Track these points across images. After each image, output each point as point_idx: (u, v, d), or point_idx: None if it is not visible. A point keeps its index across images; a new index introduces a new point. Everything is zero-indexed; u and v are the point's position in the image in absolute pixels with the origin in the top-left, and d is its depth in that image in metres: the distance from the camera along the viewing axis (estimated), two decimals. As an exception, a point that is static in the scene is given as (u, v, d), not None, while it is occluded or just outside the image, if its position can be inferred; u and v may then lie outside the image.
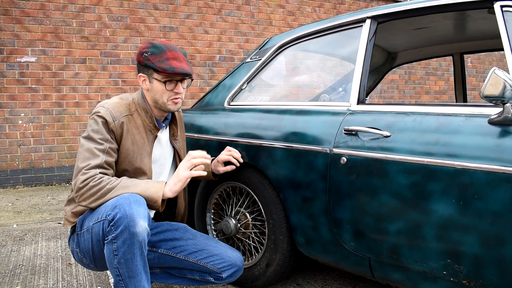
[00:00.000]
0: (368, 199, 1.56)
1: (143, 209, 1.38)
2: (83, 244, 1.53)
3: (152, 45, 1.58)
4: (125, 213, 1.33)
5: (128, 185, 1.45)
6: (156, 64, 1.54)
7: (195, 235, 1.73)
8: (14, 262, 2.46)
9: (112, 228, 1.35)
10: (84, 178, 1.44)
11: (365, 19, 1.83)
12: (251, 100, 2.28)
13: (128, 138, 1.57)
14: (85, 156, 1.48)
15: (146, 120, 1.63)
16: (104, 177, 1.46)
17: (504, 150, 1.26)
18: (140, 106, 1.63)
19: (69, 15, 5.00)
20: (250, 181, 1.99)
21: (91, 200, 1.44)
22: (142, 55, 1.57)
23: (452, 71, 7.62)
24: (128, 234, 1.33)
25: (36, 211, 3.75)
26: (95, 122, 1.53)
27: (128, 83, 5.35)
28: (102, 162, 1.48)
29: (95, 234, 1.45)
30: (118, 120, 1.54)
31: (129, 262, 1.37)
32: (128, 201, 1.36)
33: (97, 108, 1.55)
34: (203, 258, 1.65)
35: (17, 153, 4.85)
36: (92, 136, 1.51)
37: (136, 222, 1.33)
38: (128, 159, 1.58)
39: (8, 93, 4.77)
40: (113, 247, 1.36)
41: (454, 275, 1.37)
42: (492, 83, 1.25)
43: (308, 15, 6.53)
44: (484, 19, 2.00)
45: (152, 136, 1.65)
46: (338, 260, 1.74)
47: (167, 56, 1.55)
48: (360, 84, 1.76)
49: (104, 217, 1.38)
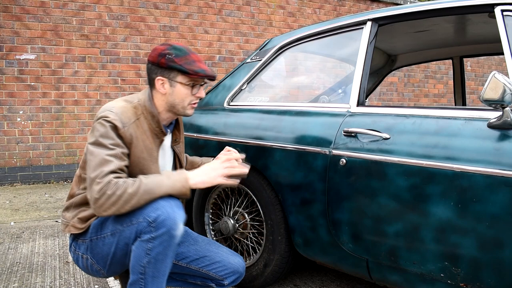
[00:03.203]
0: (366, 201, 1.56)
1: (183, 213, 1.37)
2: (101, 249, 1.45)
3: (172, 47, 1.48)
4: (168, 216, 1.31)
5: (151, 187, 1.37)
6: (185, 67, 1.45)
7: (196, 240, 1.69)
8: (11, 260, 2.45)
9: (152, 229, 1.32)
10: (99, 188, 1.33)
11: (366, 21, 1.84)
12: (251, 100, 2.28)
13: (138, 146, 1.47)
14: (96, 164, 1.37)
15: (153, 124, 1.53)
16: (119, 181, 1.35)
17: (503, 153, 1.26)
18: (146, 109, 1.52)
19: (69, 13, 4.99)
20: (249, 182, 1.99)
21: (115, 209, 1.34)
22: (164, 57, 1.46)
23: (451, 74, 7.65)
24: (168, 237, 1.31)
25: (33, 209, 3.74)
26: (102, 127, 1.41)
27: (127, 82, 5.34)
28: (115, 167, 1.37)
29: (124, 237, 1.39)
30: (128, 126, 1.44)
31: (159, 262, 1.34)
32: (170, 204, 1.34)
33: (104, 112, 1.43)
34: (205, 265, 1.62)
35: (15, 150, 4.84)
36: (101, 141, 1.39)
37: (177, 225, 1.32)
38: (139, 167, 1.49)
39: (7, 90, 4.76)
40: (148, 246, 1.32)
41: (452, 277, 1.37)
42: (492, 87, 1.25)
43: (309, 16, 6.54)
44: (484, 23, 2.01)
45: (158, 140, 1.56)
46: (336, 261, 1.74)
47: (193, 59, 1.48)
48: (360, 86, 1.76)
49: (142, 219, 1.34)
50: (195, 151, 2.22)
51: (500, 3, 1.47)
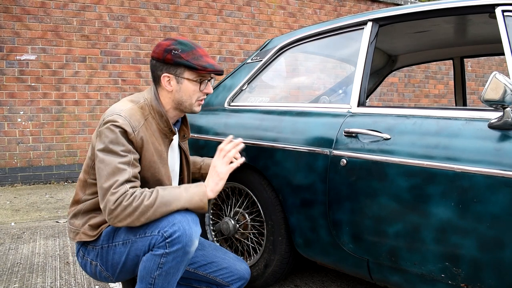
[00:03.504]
0: (367, 201, 1.56)
1: (199, 228, 1.36)
2: (111, 257, 1.42)
3: (177, 42, 1.42)
4: (184, 232, 1.29)
5: (169, 200, 1.33)
6: (193, 62, 1.40)
7: (203, 245, 1.67)
8: (12, 260, 2.45)
9: (167, 245, 1.29)
10: (115, 198, 1.28)
11: (367, 22, 1.84)
12: (252, 101, 2.28)
13: (149, 149, 1.42)
14: (109, 172, 1.31)
15: (161, 124, 1.47)
16: (136, 191, 1.31)
17: (504, 154, 1.26)
18: (154, 108, 1.46)
19: (70, 14, 4.99)
20: (250, 182, 1.99)
21: (130, 220, 1.30)
22: (170, 53, 1.40)
23: (451, 75, 7.65)
24: (182, 253, 1.30)
25: (34, 209, 3.74)
26: (112, 132, 1.34)
27: (127, 82, 5.34)
28: (130, 176, 1.32)
29: (135, 249, 1.36)
30: (138, 130, 1.38)
31: (170, 276, 1.33)
32: (187, 220, 1.32)
33: (112, 116, 1.36)
34: (213, 271, 1.61)
35: (16, 151, 4.84)
36: (112, 148, 1.33)
37: (193, 242, 1.31)
38: (151, 171, 1.44)
39: (8, 91, 4.77)
40: (161, 260, 1.31)
41: (452, 278, 1.37)
42: (493, 88, 1.25)
43: (309, 16, 6.54)
44: (485, 24, 2.01)
45: (167, 140, 1.52)
46: (337, 262, 1.74)
47: (200, 53, 1.43)
48: (361, 86, 1.76)
49: (157, 232, 1.31)
50: (196, 151, 2.22)
51: (500, 4, 1.47)
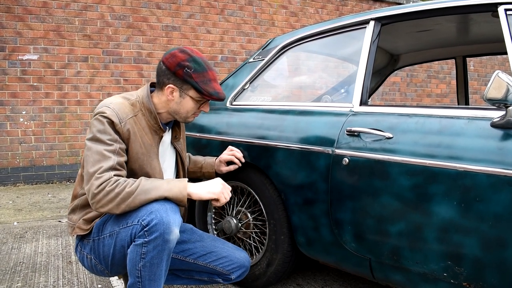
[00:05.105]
0: (369, 200, 1.56)
1: (178, 217, 1.36)
2: (102, 250, 1.47)
3: (192, 59, 1.48)
4: (161, 220, 1.31)
5: (149, 188, 1.37)
6: (200, 86, 1.47)
7: (202, 236, 1.71)
8: (14, 260, 2.46)
9: (146, 233, 1.32)
10: (99, 183, 1.34)
11: (369, 21, 1.84)
12: (254, 100, 2.28)
13: (136, 141, 1.48)
14: (95, 159, 1.37)
15: (151, 120, 1.53)
16: (120, 179, 1.36)
17: (506, 153, 1.26)
18: (144, 105, 1.53)
19: (72, 13, 5.00)
20: (252, 181, 1.99)
21: (111, 206, 1.35)
22: (182, 69, 1.46)
23: (453, 74, 7.63)
24: (162, 241, 1.31)
25: (36, 209, 3.75)
26: (100, 123, 1.42)
27: (129, 82, 5.35)
28: (115, 163, 1.38)
29: (120, 240, 1.40)
30: (125, 122, 1.45)
31: (155, 266, 1.35)
32: (165, 208, 1.34)
33: (101, 108, 1.44)
34: (212, 260, 1.63)
35: (18, 151, 4.85)
36: (99, 137, 1.40)
37: (171, 230, 1.32)
38: (138, 163, 1.50)
39: (10, 91, 4.78)
40: (142, 250, 1.33)
41: (455, 277, 1.37)
42: (495, 86, 1.25)
43: (311, 16, 6.54)
44: (487, 23, 2.00)
45: (157, 137, 1.57)
46: (339, 261, 1.74)
47: (210, 77, 1.49)
48: (363, 85, 1.76)
49: (136, 222, 1.34)
50: (198, 150, 2.22)
51: (503, 2, 1.47)
